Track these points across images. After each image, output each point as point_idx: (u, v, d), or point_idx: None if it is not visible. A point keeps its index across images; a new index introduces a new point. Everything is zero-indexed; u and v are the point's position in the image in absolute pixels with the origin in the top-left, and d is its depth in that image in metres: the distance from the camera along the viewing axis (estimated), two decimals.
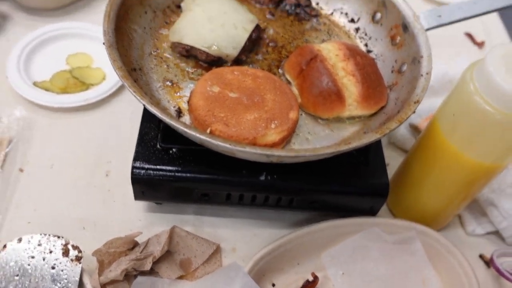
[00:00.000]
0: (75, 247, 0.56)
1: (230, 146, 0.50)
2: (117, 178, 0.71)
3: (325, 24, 0.77)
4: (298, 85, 0.65)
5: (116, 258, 0.60)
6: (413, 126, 0.81)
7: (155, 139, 0.62)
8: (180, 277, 0.62)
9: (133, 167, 0.60)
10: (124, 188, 0.68)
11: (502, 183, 0.73)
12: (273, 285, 0.64)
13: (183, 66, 0.67)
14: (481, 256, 0.72)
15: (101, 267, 0.58)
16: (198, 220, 0.69)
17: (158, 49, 0.68)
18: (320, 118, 0.64)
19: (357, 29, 0.76)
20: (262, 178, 0.61)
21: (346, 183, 0.63)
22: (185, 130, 0.50)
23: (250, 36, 0.68)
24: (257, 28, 0.70)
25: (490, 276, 0.69)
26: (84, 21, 0.88)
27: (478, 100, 0.53)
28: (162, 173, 0.60)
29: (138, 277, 0.58)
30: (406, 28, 0.69)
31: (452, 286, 0.65)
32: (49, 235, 0.56)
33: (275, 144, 0.58)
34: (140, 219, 0.68)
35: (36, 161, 0.71)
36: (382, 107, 0.65)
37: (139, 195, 0.63)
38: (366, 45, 0.75)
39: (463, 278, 0.65)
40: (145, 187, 0.62)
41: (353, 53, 0.65)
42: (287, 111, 0.60)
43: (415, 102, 0.58)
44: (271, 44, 0.72)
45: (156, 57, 0.67)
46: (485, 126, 0.54)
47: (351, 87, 0.63)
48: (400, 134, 0.82)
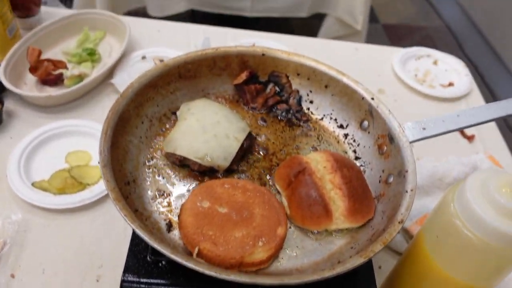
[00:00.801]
0: None
1: (215, 274, 0.51)
2: (109, 284, 0.71)
3: (315, 130, 0.80)
4: (287, 197, 0.67)
5: None
6: (404, 230, 0.82)
7: (146, 251, 0.63)
8: None
9: (123, 281, 0.60)
10: None
11: None
12: None
13: (176, 176, 0.69)
14: None
15: None
16: None
17: (153, 159, 0.70)
18: (308, 231, 0.66)
19: (346, 135, 0.79)
20: None
21: None
22: (172, 257, 0.51)
23: (242, 145, 0.71)
24: (249, 137, 0.73)
25: None
26: (86, 118, 0.92)
27: (458, 224, 0.54)
28: (152, 287, 0.61)
29: None
30: (392, 139, 0.72)
31: None
32: None
33: (262, 262, 0.59)
34: None
35: (28, 266, 0.71)
36: (369, 220, 0.67)
37: None
38: (355, 152, 0.78)
39: None
40: None
41: (340, 165, 0.68)
42: (275, 227, 0.61)
43: (399, 222, 0.59)
44: (262, 152, 0.75)
45: (150, 167, 0.69)
46: (466, 250, 0.55)
47: (338, 201, 0.65)
48: None
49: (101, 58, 1.06)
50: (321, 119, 0.82)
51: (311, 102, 0.83)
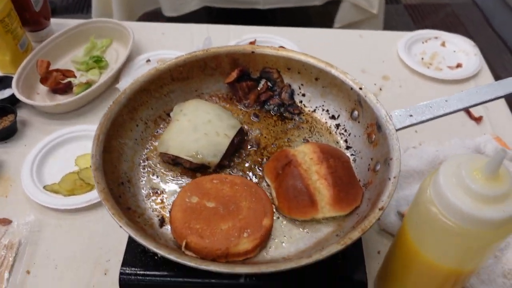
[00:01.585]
0: None
1: (196, 265, 0.54)
2: (115, 277, 0.75)
3: (307, 122, 0.82)
4: (275, 189, 0.70)
5: None
6: (401, 214, 0.83)
7: (142, 246, 0.67)
8: None
9: (121, 273, 0.65)
10: None
11: (491, 273, 0.73)
12: None
13: (170, 174, 0.73)
14: None
15: None
16: None
17: (148, 159, 0.74)
18: (297, 221, 0.68)
19: (338, 125, 0.81)
20: (242, 281, 0.64)
21: (324, 282, 0.65)
22: (155, 250, 0.55)
23: (232, 141, 0.74)
24: (240, 133, 0.76)
25: None
26: (94, 123, 0.97)
27: (434, 210, 0.55)
28: (149, 278, 0.65)
29: None
30: (380, 128, 0.73)
31: None
32: None
33: (248, 252, 0.62)
34: None
35: (42, 263, 0.77)
36: (356, 207, 0.68)
37: None
38: (346, 141, 0.79)
39: None
40: None
41: (326, 156, 0.69)
42: (261, 218, 0.64)
43: (380, 209, 0.61)
44: (254, 147, 0.77)
45: (145, 167, 0.73)
46: (444, 235, 0.55)
47: (323, 191, 0.67)
48: (389, 221, 0.83)
49: (108, 65, 1.11)
50: (314, 111, 0.84)
51: (304, 95, 0.85)
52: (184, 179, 0.72)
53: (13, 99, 0.99)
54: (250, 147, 0.77)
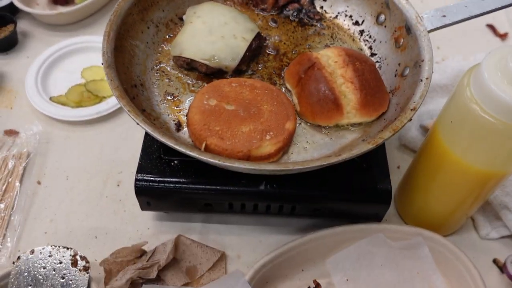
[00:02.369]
0: (83, 258, 0.60)
1: (219, 162, 0.51)
2: (128, 188, 0.74)
3: (329, 28, 0.77)
4: (297, 94, 0.66)
5: (124, 267, 0.63)
6: (424, 127, 0.80)
7: (158, 151, 0.64)
8: (186, 284, 0.64)
9: (136, 180, 0.62)
10: (134, 198, 0.70)
11: None
12: None
13: (184, 79, 0.68)
14: (495, 261, 0.70)
15: (108, 276, 0.61)
16: (205, 228, 0.71)
17: (161, 63, 0.70)
18: (319, 126, 0.64)
19: (362, 32, 0.75)
20: (262, 188, 0.62)
21: (348, 191, 0.63)
22: (175, 147, 0.52)
23: (250, 46, 0.69)
24: (258, 37, 0.71)
25: (504, 282, 0.68)
26: (98, 35, 0.91)
27: (475, 108, 0.52)
28: (165, 185, 0.62)
29: (144, 285, 0.61)
30: (409, 30, 0.68)
31: None
32: (59, 247, 0.60)
33: (271, 155, 0.59)
34: (149, 228, 0.70)
35: (52, 174, 0.75)
36: (383, 113, 0.64)
37: (145, 206, 0.65)
38: (371, 48, 0.74)
39: (472, 286, 0.63)
40: (150, 198, 0.64)
41: (352, 59, 0.65)
42: (284, 122, 0.60)
43: (412, 110, 0.57)
44: (273, 52, 0.72)
45: (158, 71, 0.69)
46: (483, 134, 0.52)
47: (350, 95, 0.63)
48: (411, 136, 0.80)
49: None
50: (335, 17, 0.78)
51: (324, 0, 0.79)
52: (200, 85, 0.68)
53: (12, 8, 0.92)
54: (269, 53, 0.72)
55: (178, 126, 0.63)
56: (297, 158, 0.61)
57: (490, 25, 1.04)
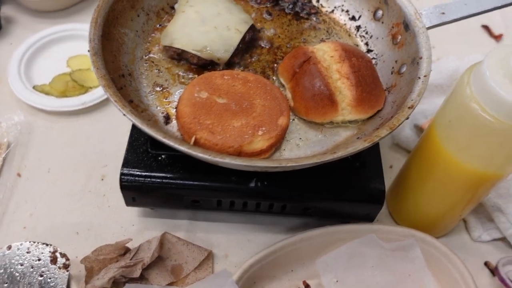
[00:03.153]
0: (63, 255, 0.57)
1: (210, 157, 0.49)
2: (112, 183, 0.71)
3: (325, 22, 0.75)
4: (291, 89, 0.63)
5: (106, 265, 0.60)
6: (418, 127, 0.78)
7: (145, 145, 0.62)
8: (171, 284, 0.62)
9: (122, 174, 0.60)
10: (119, 193, 0.67)
11: (510, 188, 0.70)
12: None
13: (175, 70, 0.66)
14: (486, 264, 0.69)
15: (89, 275, 0.59)
16: (191, 225, 0.68)
17: (150, 53, 0.67)
18: (313, 123, 0.62)
19: (358, 27, 0.74)
20: (252, 185, 0.60)
21: (340, 190, 0.61)
22: (163, 140, 0.49)
23: (244, 38, 0.67)
24: (252, 29, 0.68)
25: (495, 285, 0.67)
26: (86, 22, 0.88)
27: (475, 107, 0.50)
28: (151, 180, 0.60)
29: (127, 285, 0.58)
30: (407, 27, 0.66)
31: None
32: (38, 243, 0.57)
33: (263, 152, 0.56)
34: (134, 224, 0.68)
35: (34, 166, 0.72)
36: (379, 111, 0.63)
37: (130, 201, 0.63)
38: (367, 44, 0.72)
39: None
40: (135, 194, 0.62)
41: (349, 55, 0.63)
42: (277, 117, 0.58)
43: (409, 108, 0.55)
44: (267, 45, 0.70)
45: (148, 61, 0.66)
46: (482, 134, 0.51)
47: (345, 91, 0.61)
48: (404, 136, 0.79)
49: None
50: (332, 12, 0.76)
51: None
52: (191, 76, 0.65)
53: None
54: (263, 46, 0.70)
55: (167, 119, 0.60)
56: (290, 155, 0.59)
57: (485, 26, 1.04)
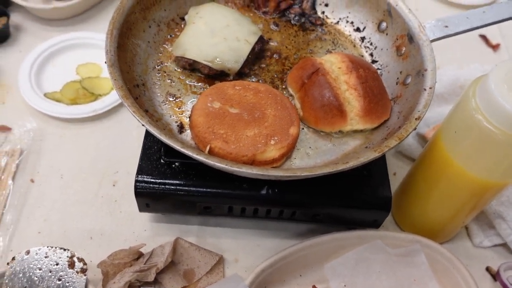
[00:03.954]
0: (80, 260, 0.58)
1: (227, 167, 0.50)
2: (124, 189, 0.72)
3: (331, 34, 0.77)
4: (300, 99, 0.65)
5: (121, 269, 0.62)
6: (420, 136, 0.80)
7: (159, 153, 0.63)
8: None
9: (136, 181, 0.61)
10: (131, 199, 0.70)
11: (511, 196, 0.72)
12: None
13: (186, 80, 0.67)
14: (488, 269, 0.71)
15: (106, 279, 0.60)
16: (202, 231, 0.70)
17: (163, 63, 0.69)
18: (322, 132, 0.64)
19: (363, 38, 0.76)
20: (264, 192, 0.61)
21: (348, 197, 0.63)
22: (182, 150, 0.51)
23: (253, 49, 0.68)
24: (261, 40, 0.70)
25: None
26: (94, 31, 0.90)
27: (480, 118, 0.52)
28: (165, 187, 0.61)
29: None
30: (411, 39, 0.68)
31: None
32: (56, 248, 0.58)
33: (275, 160, 0.58)
34: (146, 229, 0.69)
35: (46, 172, 0.73)
36: (385, 121, 0.65)
37: (143, 207, 0.64)
38: (372, 55, 0.74)
39: None
40: (149, 200, 0.63)
41: (356, 66, 0.65)
42: (288, 127, 0.60)
43: (416, 119, 0.57)
44: (275, 56, 0.72)
45: (160, 71, 0.68)
46: (487, 145, 0.53)
47: (353, 102, 0.63)
48: (407, 144, 0.81)
49: None
50: (337, 23, 0.78)
51: (326, 5, 0.79)
52: (202, 86, 0.67)
53: (5, 0, 0.90)
54: (271, 57, 0.72)
55: (181, 128, 0.62)
56: (300, 164, 0.61)
57: (483, 36, 1.06)
